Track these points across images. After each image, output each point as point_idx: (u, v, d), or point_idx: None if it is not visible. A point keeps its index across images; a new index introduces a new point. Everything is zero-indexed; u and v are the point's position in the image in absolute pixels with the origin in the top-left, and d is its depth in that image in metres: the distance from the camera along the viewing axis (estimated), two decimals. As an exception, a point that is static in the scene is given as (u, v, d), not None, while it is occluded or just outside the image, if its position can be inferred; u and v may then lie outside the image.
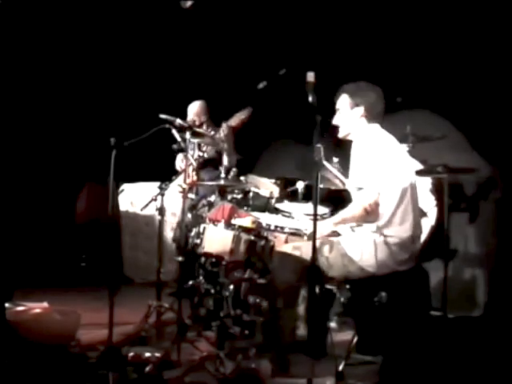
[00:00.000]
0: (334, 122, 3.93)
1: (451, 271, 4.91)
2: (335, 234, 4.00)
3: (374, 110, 3.81)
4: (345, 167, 4.03)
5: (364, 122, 3.84)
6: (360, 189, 3.70)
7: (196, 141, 5.11)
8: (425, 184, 4.93)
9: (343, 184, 4.11)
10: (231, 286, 4.24)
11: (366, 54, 5.70)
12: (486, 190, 5.21)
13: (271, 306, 3.90)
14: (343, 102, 3.88)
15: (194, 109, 5.95)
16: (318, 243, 3.33)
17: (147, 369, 3.57)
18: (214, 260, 4.46)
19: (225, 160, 5.10)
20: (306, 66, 3.42)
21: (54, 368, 3.53)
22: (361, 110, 3.82)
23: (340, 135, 3.93)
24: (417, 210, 3.83)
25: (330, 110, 3.94)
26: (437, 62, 5.40)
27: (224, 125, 5.44)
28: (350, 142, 3.91)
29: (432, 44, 5.40)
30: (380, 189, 3.68)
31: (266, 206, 4.75)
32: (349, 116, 3.86)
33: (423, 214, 4.79)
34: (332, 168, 4.10)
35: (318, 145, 3.33)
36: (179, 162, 5.87)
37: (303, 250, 3.74)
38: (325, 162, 3.91)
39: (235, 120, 5.40)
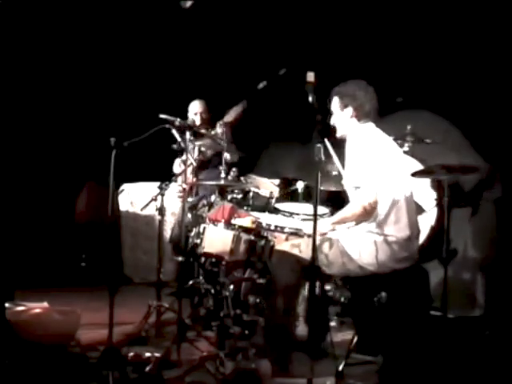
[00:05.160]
0: (331, 123, 3.96)
1: (451, 271, 4.91)
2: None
3: (363, 109, 3.83)
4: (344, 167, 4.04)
5: (355, 121, 3.86)
6: (357, 188, 3.71)
7: (196, 141, 5.10)
8: (425, 184, 4.94)
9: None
10: (231, 286, 4.24)
11: (365, 54, 5.70)
12: (486, 183, 5.20)
13: (271, 306, 3.90)
14: (334, 104, 3.92)
15: (197, 107, 5.91)
16: (317, 241, 3.33)
17: (147, 369, 3.57)
18: (213, 260, 4.47)
19: (227, 157, 5.08)
20: (306, 66, 3.42)
21: (54, 368, 3.53)
22: (350, 110, 3.85)
23: (337, 135, 3.97)
24: (412, 209, 3.83)
25: (330, 110, 3.95)
26: (437, 61, 5.40)
27: (218, 123, 5.38)
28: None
29: (432, 44, 5.40)
30: (376, 188, 3.69)
31: (265, 206, 4.75)
32: (340, 117, 3.90)
33: (423, 213, 4.80)
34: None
35: (318, 145, 3.33)
36: (177, 166, 5.86)
37: (302, 247, 3.75)
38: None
39: (230, 116, 5.36)
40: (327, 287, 3.94)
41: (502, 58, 5.04)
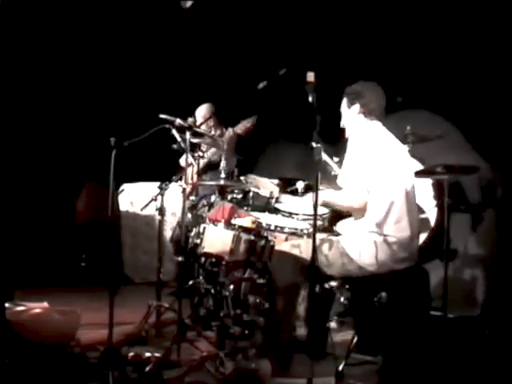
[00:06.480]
0: (341, 125, 3.97)
1: (451, 271, 4.91)
2: (334, 233, 4.01)
3: (370, 105, 3.83)
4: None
5: (362, 118, 3.86)
6: (346, 183, 3.72)
7: (196, 141, 5.11)
8: (425, 184, 4.93)
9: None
10: (231, 286, 4.24)
11: (365, 54, 5.71)
12: (490, 195, 5.21)
13: (271, 306, 3.90)
14: (343, 103, 3.94)
15: (201, 112, 5.94)
16: (317, 242, 3.33)
17: (147, 369, 3.57)
18: (214, 260, 4.47)
19: (223, 162, 5.10)
20: (306, 66, 3.42)
21: (54, 368, 3.53)
22: (356, 106, 3.86)
23: (347, 136, 3.95)
24: (414, 209, 3.83)
25: (330, 110, 3.94)
26: (437, 61, 5.40)
27: (230, 129, 5.50)
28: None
29: (432, 44, 5.40)
30: (372, 186, 3.68)
31: (265, 205, 4.75)
32: (348, 115, 3.91)
33: (422, 214, 4.80)
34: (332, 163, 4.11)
35: (318, 145, 3.33)
36: (183, 161, 5.86)
37: (302, 247, 3.75)
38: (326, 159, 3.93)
39: (241, 127, 5.48)
40: (330, 284, 3.93)
41: (502, 58, 5.03)
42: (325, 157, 4.07)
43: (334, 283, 3.93)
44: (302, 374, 3.41)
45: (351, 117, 3.89)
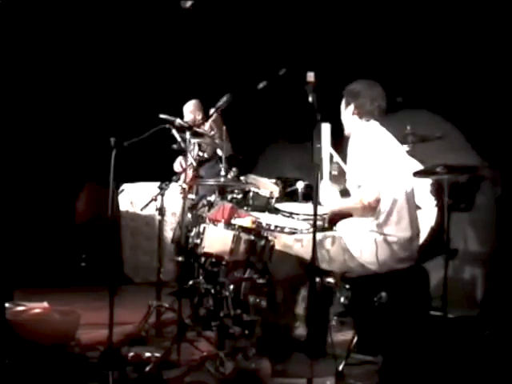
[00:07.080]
0: (342, 120, 3.98)
1: (451, 271, 4.91)
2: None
3: (365, 107, 3.83)
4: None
5: (356, 119, 3.87)
6: (359, 186, 3.71)
7: (196, 141, 5.11)
8: (425, 184, 4.94)
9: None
10: (231, 286, 4.24)
11: (366, 54, 5.71)
12: (478, 180, 5.20)
13: (271, 305, 3.90)
14: (342, 101, 3.93)
15: (189, 108, 5.98)
16: (319, 237, 3.33)
17: (147, 369, 3.57)
18: (214, 260, 4.47)
19: (220, 153, 5.08)
20: (306, 66, 3.42)
21: (54, 368, 3.53)
22: (351, 107, 3.86)
23: (345, 133, 3.97)
24: (414, 209, 3.83)
25: (330, 109, 3.94)
26: (437, 62, 5.40)
27: (212, 110, 5.45)
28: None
29: (432, 44, 5.40)
30: (378, 186, 3.69)
31: (265, 205, 4.75)
32: (344, 115, 3.92)
33: (422, 213, 4.80)
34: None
35: (318, 145, 3.34)
36: (177, 164, 5.87)
37: (304, 242, 3.75)
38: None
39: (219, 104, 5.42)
40: (328, 280, 3.93)
41: (502, 58, 5.03)
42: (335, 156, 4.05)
43: (331, 280, 3.93)
44: (301, 373, 3.41)
45: (346, 117, 3.91)
